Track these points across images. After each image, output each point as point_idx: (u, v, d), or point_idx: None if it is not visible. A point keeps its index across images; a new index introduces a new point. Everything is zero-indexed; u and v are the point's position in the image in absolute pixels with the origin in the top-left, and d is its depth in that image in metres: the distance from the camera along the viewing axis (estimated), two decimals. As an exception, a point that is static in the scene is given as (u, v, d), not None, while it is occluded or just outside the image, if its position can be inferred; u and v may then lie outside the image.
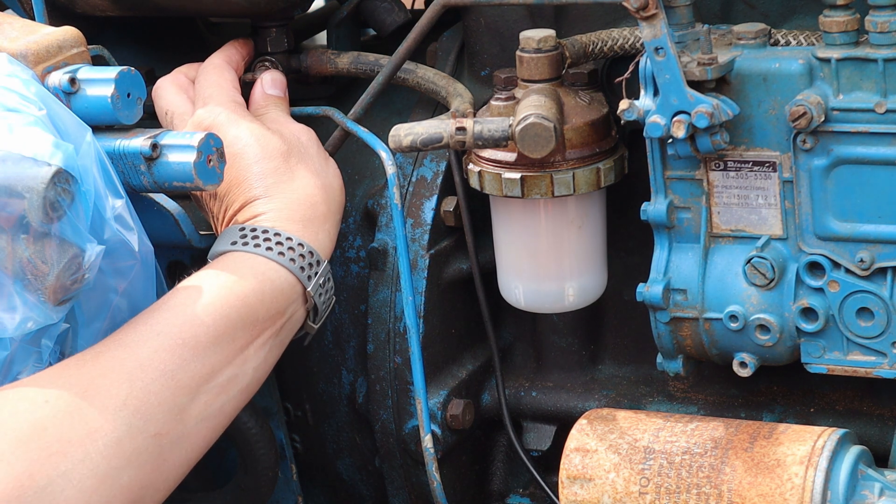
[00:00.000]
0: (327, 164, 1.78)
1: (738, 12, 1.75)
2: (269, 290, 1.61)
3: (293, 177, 1.72)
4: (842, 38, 1.56)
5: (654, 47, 1.57)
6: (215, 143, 1.63)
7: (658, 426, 1.67)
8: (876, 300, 1.60)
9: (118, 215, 1.57)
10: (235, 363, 1.57)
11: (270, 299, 1.61)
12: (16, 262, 1.49)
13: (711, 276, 1.67)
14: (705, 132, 1.59)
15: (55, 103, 1.58)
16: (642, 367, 1.93)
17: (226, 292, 1.57)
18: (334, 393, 2.00)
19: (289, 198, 1.70)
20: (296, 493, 2.00)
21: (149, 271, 1.62)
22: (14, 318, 1.50)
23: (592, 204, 1.78)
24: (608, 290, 1.85)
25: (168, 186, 1.64)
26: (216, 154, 1.63)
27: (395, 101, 2.00)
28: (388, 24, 2.05)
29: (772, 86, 1.59)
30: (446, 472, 1.89)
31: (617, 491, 1.64)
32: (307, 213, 1.70)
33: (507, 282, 1.82)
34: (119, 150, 1.62)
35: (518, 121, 1.65)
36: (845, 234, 1.60)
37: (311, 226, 1.69)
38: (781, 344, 1.65)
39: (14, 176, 1.48)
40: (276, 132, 1.76)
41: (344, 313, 1.96)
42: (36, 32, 1.66)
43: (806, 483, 1.56)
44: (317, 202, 1.72)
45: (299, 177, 1.72)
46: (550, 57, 1.73)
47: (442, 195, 1.89)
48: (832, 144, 1.58)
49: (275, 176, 1.71)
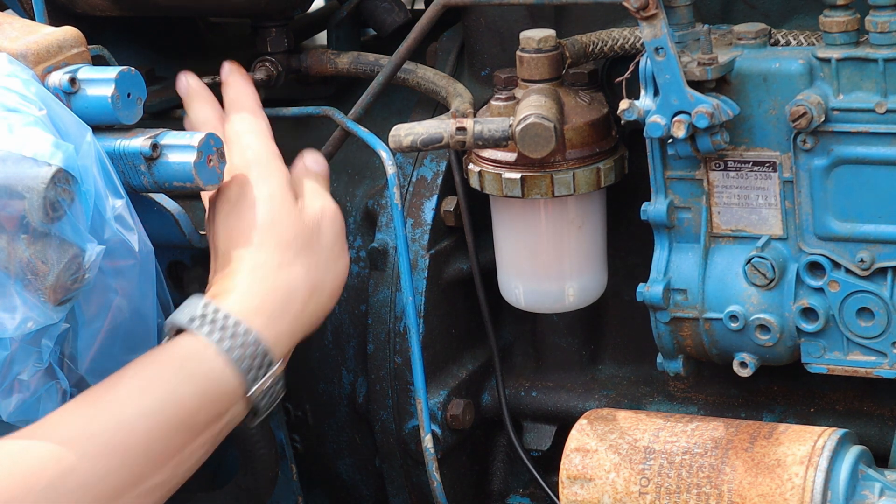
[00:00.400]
0: (336, 261, 1.65)
1: (738, 12, 1.75)
2: (211, 393, 1.50)
3: (286, 263, 1.59)
4: (842, 38, 1.56)
5: (655, 47, 1.57)
6: (216, 143, 1.63)
7: (658, 426, 1.67)
8: (876, 300, 1.60)
9: (118, 215, 1.57)
10: (165, 469, 1.48)
11: (210, 403, 1.51)
12: (16, 262, 1.49)
13: (711, 276, 1.66)
14: (705, 132, 1.59)
15: (55, 103, 1.58)
16: (642, 367, 1.93)
17: (166, 394, 1.47)
18: (334, 393, 2.00)
19: (268, 285, 1.57)
20: (296, 493, 2.00)
21: (149, 271, 1.62)
22: (14, 318, 1.50)
23: (592, 204, 1.78)
24: (608, 290, 1.85)
25: (168, 186, 1.64)
26: (216, 154, 1.63)
27: (395, 101, 2.00)
28: (388, 24, 2.05)
29: (772, 86, 1.59)
30: (446, 472, 1.89)
31: (617, 491, 1.64)
32: (280, 306, 1.57)
33: (507, 282, 1.82)
34: (119, 150, 1.62)
35: (518, 121, 1.65)
36: (845, 234, 1.60)
37: (278, 321, 1.56)
38: (781, 344, 1.65)
39: (14, 176, 1.48)
40: (300, 209, 1.64)
41: (344, 313, 1.96)
42: (36, 32, 1.66)
43: (806, 483, 1.56)
44: (296, 298, 1.59)
45: (292, 266, 1.59)
46: (550, 57, 1.73)
47: (442, 195, 1.89)
48: (832, 144, 1.58)
49: (267, 253, 1.58)
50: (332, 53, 1.97)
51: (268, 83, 1.96)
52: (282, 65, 1.96)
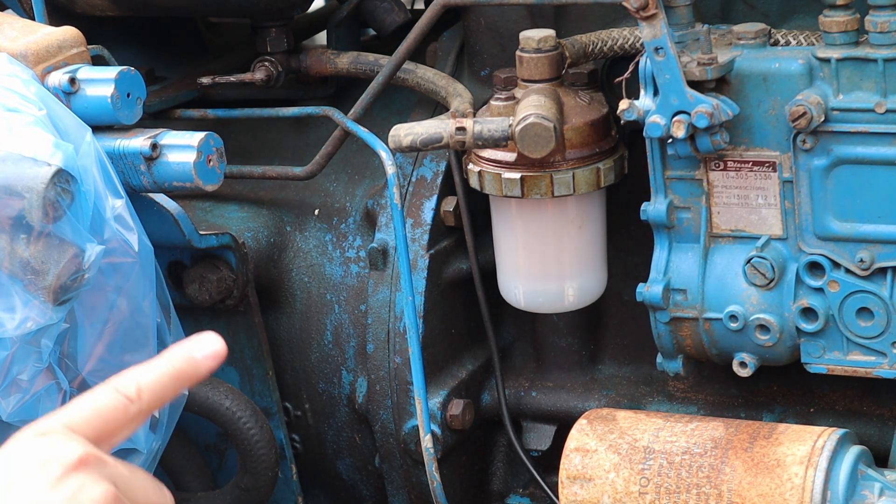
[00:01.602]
0: None
1: (738, 12, 1.75)
2: None
3: None
4: (842, 38, 1.56)
5: (654, 47, 1.57)
6: (216, 143, 1.63)
7: (658, 426, 1.67)
8: (876, 300, 1.60)
9: (118, 215, 1.57)
10: None
11: None
12: (16, 262, 1.49)
13: (711, 276, 1.66)
14: (705, 132, 1.59)
15: (55, 103, 1.58)
16: (642, 367, 1.93)
17: None
18: (334, 393, 2.00)
19: None
20: (296, 493, 2.00)
21: (148, 271, 1.62)
22: (14, 318, 1.50)
23: (592, 204, 1.78)
24: (608, 290, 1.85)
25: (168, 186, 1.64)
26: (216, 154, 1.63)
27: (395, 101, 2.00)
28: (388, 24, 2.05)
29: (772, 86, 1.59)
30: (446, 472, 1.89)
31: (617, 491, 1.64)
32: None
33: (507, 282, 1.82)
34: (119, 150, 1.62)
35: (518, 121, 1.65)
36: (845, 234, 1.60)
37: None
38: (781, 344, 1.65)
39: (14, 176, 1.48)
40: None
41: (344, 313, 1.96)
42: (36, 32, 1.66)
43: (806, 483, 1.56)
44: None
45: None
46: (550, 57, 1.73)
47: (442, 195, 1.89)
48: (832, 144, 1.58)
49: None
50: (331, 53, 1.97)
51: (268, 83, 1.96)
52: (282, 65, 1.96)
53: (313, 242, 1.99)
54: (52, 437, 0.96)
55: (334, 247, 1.98)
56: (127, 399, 1.01)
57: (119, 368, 1.66)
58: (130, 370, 1.03)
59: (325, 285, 1.97)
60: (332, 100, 2.00)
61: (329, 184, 2.00)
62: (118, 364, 1.59)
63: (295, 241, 2.00)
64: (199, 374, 1.05)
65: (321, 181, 1.98)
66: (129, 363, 1.65)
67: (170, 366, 1.04)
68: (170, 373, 1.04)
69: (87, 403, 1.00)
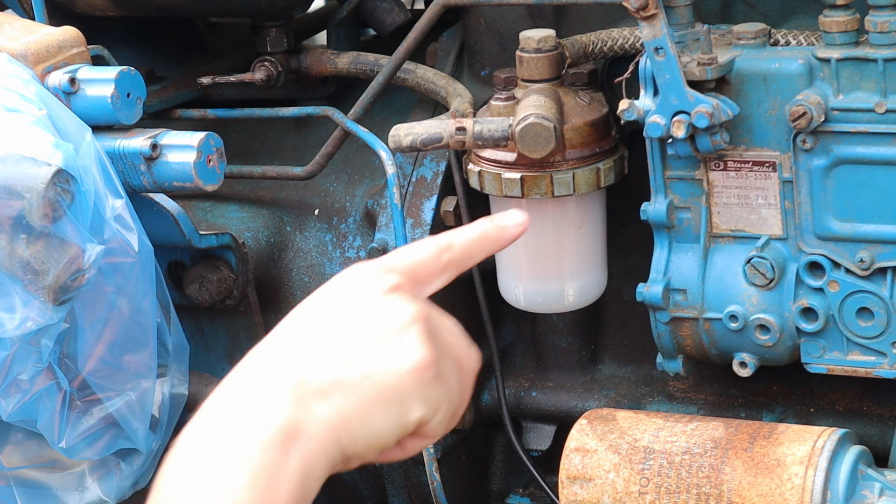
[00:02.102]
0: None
1: (738, 12, 1.75)
2: None
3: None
4: (842, 38, 1.56)
5: (654, 47, 1.57)
6: (215, 143, 1.63)
7: (658, 426, 1.67)
8: (876, 300, 1.60)
9: (118, 215, 1.57)
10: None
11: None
12: (16, 262, 1.49)
13: (711, 276, 1.66)
14: (705, 132, 1.59)
15: (55, 103, 1.58)
16: (642, 367, 1.92)
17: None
18: (334, 393, 1.99)
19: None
20: (296, 493, 2.00)
21: (148, 271, 1.62)
22: (14, 318, 1.50)
23: (592, 204, 1.78)
24: (608, 290, 1.85)
25: (168, 186, 1.64)
26: (216, 154, 1.63)
27: (395, 101, 2.00)
28: (388, 24, 2.05)
29: (772, 86, 1.59)
30: (446, 472, 1.89)
31: (617, 491, 1.64)
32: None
33: (507, 282, 1.82)
34: (119, 150, 1.62)
35: (518, 121, 1.65)
36: (845, 234, 1.60)
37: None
38: (781, 344, 1.65)
39: (14, 176, 1.48)
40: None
41: (344, 313, 1.96)
42: (36, 32, 1.66)
43: (806, 483, 1.56)
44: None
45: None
46: (550, 57, 1.73)
47: (442, 195, 1.89)
48: (832, 144, 1.58)
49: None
50: (331, 53, 1.97)
51: (268, 83, 1.96)
52: (282, 65, 1.96)
53: (313, 242, 1.99)
54: (373, 269, 1.10)
55: (334, 247, 1.98)
56: (439, 249, 1.14)
57: (119, 368, 1.66)
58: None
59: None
60: (332, 100, 2.00)
61: (329, 184, 1.99)
62: (118, 364, 1.59)
63: (295, 241, 2.00)
64: (505, 238, 1.16)
65: (321, 181, 1.98)
66: (128, 363, 1.65)
67: (479, 228, 1.15)
68: (479, 233, 1.15)
69: (405, 250, 1.14)
